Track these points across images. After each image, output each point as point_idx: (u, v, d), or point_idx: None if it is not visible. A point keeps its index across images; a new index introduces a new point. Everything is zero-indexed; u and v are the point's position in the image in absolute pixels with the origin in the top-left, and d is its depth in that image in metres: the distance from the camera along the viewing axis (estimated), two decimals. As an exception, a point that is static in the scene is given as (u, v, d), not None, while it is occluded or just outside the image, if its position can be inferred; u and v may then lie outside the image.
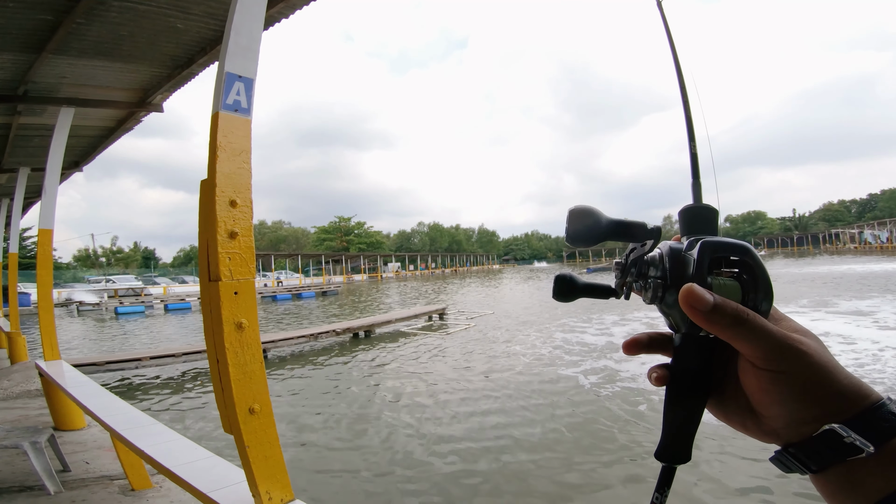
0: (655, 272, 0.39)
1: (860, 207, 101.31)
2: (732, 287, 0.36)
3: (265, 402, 1.58)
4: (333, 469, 4.88)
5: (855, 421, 0.32)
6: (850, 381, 0.33)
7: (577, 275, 0.42)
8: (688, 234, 0.40)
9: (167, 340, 15.81)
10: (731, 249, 0.37)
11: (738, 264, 0.37)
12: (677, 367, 0.39)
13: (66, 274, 51.85)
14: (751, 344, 0.33)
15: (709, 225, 0.40)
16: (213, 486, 1.67)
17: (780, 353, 0.33)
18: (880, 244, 67.43)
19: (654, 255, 0.39)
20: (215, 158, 1.55)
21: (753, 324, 0.33)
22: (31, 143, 5.84)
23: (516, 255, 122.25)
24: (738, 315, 0.33)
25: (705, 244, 0.37)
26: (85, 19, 3.29)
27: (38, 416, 4.75)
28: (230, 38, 1.65)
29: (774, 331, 0.34)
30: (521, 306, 20.00)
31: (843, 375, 0.33)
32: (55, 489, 3.14)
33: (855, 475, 0.32)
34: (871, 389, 0.33)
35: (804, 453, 0.34)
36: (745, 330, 0.33)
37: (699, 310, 0.33)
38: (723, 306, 0.33)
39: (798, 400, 0.33)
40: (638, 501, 3.96)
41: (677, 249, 0.38)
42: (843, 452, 0.32)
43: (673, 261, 0.38)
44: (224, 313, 1.51)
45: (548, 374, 8.12)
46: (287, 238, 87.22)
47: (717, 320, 0.33)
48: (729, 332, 0.34)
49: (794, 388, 0.33)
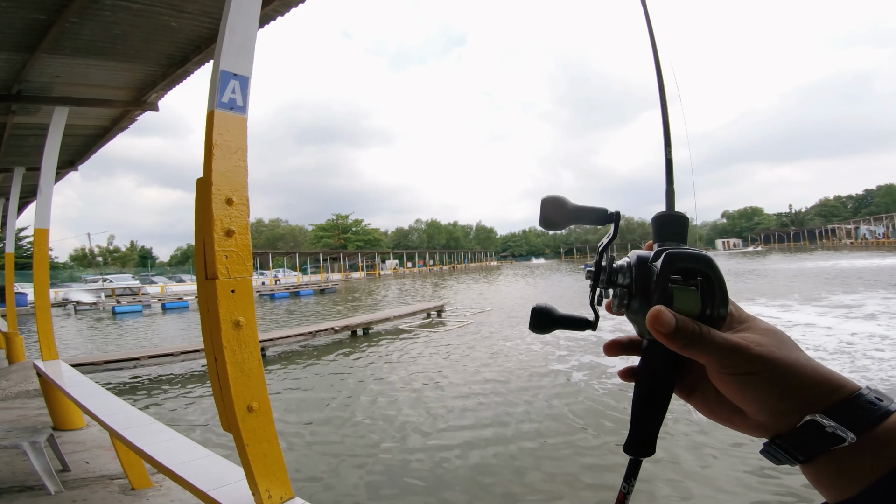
0: (623, 280, 0.41)
1: (856, 203, 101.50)
2: (692, 296, 0.38)
3: (264, 400, 1.58)
4: (333, 466, 4.89)
5: (833, 410, 0.33)
6: (820, 372, 0.35)
7: (552, 307, 0.43)
8: (659, 242, 0.42)
9: (165, 339, 15.79)
10: (693, 260, 0.39)
11: (700, 273, 0.39)
12: (644, 368, 0.42)
13: (63, 273, 51.65)
14: (708, 357, 0.36)
15: (680, 232, 0.42)
16: (213, 484, 1.67)
17: (735, 359, 0.36)
18: (876, 239, 67.75)
19: (623, 264, 0.42)
20: (211, 157, 1.55)
21: (708, 339, 0.36)
22: (26, 142, 5.81)
23: (514, 251, 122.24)
24: (694, 335, 0.36)
25: (668, 255, 0.39)
26: (78, 18, 3.27)
27: (36, 416, 4.75)
28: (225, 37, 1.64)
29: (728, 341, 0.36)
30: (519, 303, 20.02)
31: (810, 367, 0.35)
32: (55, 489, 3.14)
33: (842, 464, 0.33)
34: (846, 379, 0.35)
35: (791, 444, 0.35)
36: (701, 346, 0.36)
37: (661, 332, 0.36)
38: (682, 329, 0.36)
39: (769, 394, 0.35)
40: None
41: (644, 259, 0.41)
42: (826, 442, 0.33)
43: (639, 270, 0.40)
44: (221, 311, 1.51)
45: (541, 369, 8.15)
46: (284, 236, 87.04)
47: (676, 340, 0.36)
48: (687, 350, 0.37)
49: (760, 386, 0.35)
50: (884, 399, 0.33)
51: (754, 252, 72.98)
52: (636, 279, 0.40)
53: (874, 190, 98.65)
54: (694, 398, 0.42)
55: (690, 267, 0.39)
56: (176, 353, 9.96)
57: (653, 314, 0.37)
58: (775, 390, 0.35)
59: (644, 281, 0.40)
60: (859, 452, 0.32)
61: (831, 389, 0.34)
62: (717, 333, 0.37)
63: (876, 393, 0.34)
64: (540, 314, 0.43)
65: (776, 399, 0.35)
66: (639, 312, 0.39)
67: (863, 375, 6.73)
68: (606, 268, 0.42)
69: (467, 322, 14.66)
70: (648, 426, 0.41)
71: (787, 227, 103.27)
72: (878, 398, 0.33)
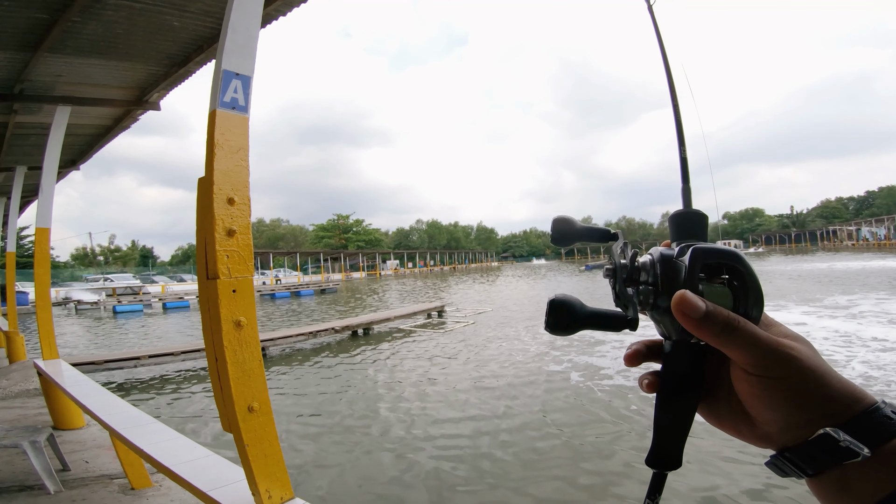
0: (647, 277, 0.38)
1: (858, 204, 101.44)
2: (723, 293, 0.36)
3: (264, 400, 1.57)
4: (333, 466, 4.88)
5: (850, 425, 0.32)
6: (843, 386, 0.33)
7: (577, 301, 0.38)
8: (678, 240, 0.40)
9: (166, 339, 15.80)
10: (723, 256, 0.37)
11: (729, 271, 0.37)
12: (667, 373, 0.38)
13: (64, 272, 51.72)
14: (742, 351, 0.34)
15: (699, 230, 0.40)
16: (213, 484, 1.67)
17: (771, 359, 0.33)
18: (878, 241, 67.63)
19: (646, 261, 0.39)
20: (213, 156, 1.55)
21: (744, 331, 0.34)
22: (28, 141, 5.82)
23: (515, 252, 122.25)
24: (730, 322, 0.34)
25: (697, 250, 0.37)
26: (80, 17, 3.27)
27: (36, 416, 4.75)
28: (227, 36, 1.64)
29: (765, 337, 0.34)
30: (519, 303, 20.02)
31: (836, 380, 0.33)
32: (55, 488, 3.14)
33: (850, 479, 0.32)
34: (865, 393, 0.33)
35: (800, 457, 0.34)
36: (735, 337, 0.34)
37: (691, 317, 0.34)
38: (714, 314, 0.34)
39: (791, 405, 0.33)
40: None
41: (668, 255, 0.38)
42: (839, 456, 0.32)
43: (665, 267, 0.38)
44: (222, 311, 1.50)
45: (541, 370, 8.14)
46: (285, 236, 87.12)
47: (708, 327, 0.34)
48: (720, 340, 0.34)
49: (786, 394, 0.33)
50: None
51: (755, 253, 72.89)
52: (662, 276, 0.37)
53: (875, 191, 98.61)
54: (701, 403, 0.39)
55: (720, 263, 0.37)
56: (176, 352, 9.96)
57: (679, 297, 0.34)
58: (799, 399, 0.33)
59: (671, 277, 0.37)
60: (870, 468, 0.32)
61: (850, 402, 0.33)
62: (754, 326, 0.34)
63: (892, 407, 0.33)
64: (561, 310, 0.38)
65: (798, 409, 0.33)
66: (666, 313, 0.37)
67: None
68: (628, 265, 0.39)
69: (468, 322, 14.66)
70: (673, 438, 0.38)
71: (788, 228, 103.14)
72: (894, 412, 0.32)
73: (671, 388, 0.38)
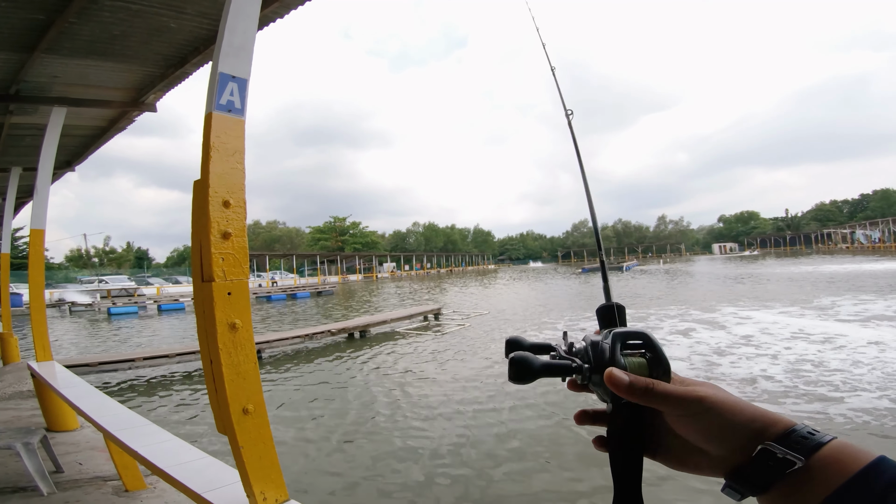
0: (583, 359, 0.48)
1: (852, 207, 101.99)
2: (641, 364, 0.46)
3: (259, 402, 1.58)
4: (329, 469, 4.87)
5: (781, 439, 0.39)
6: (758, 410, 0.42)
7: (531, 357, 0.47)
8: (604, 328, 0.51)
9: (161, 341, 15.73)
10: (635, 336, 0.47)
11: (643, 346, 0.47)
12: (612, 431, 0.47)
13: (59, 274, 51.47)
14: (662, 404, 0.43)
15: (618, 319, 0.52)
16: (207, 486, 1.66)
17: (685, 403, 0.43)
18: (872, 244, 68.05)
19: (580, 348, 0.50)
20: (208, 159, 1.55)
21: (659, 389, 0.43)
22: (23, 142, 5.79)
23: (511, 254, 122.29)
24: (647, 386, 0.44)
25: (615, 335, 0.47)
26: (77, 19, 3.26)
27: (30, 418, 4.72)
28: (224, 38, 1.64)
29: (676, 389, 0.44)
30: (515, 306, 20.04)
31: (750, 407, 0.42)
32: (48, 490, 3.12)
33: (793, 491, 0.38)
34: (780, 415, 0.41)
35: (748, 474, 0.40)
36: (655, 395, 0.43)
37: (619, 387, 0.44)
38: (635, 381, 0.44)
39: (722, 430, 0.41)
40: None
41: (596, 341, 0.48)
42: (780, 467, 0.38)
43: (594, 350, 0.48)
44: (217, 314, 1.50)
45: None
46: (281, 238, 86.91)
47: (633, 392, 0.44)
48: (644, 399, 0.44)
49: (712, 423, 0.42)
50: (817, 432, 0.39)
51: (750, 256, 73.20)
52: (593, 357, 0.47)
53: (870, 194, 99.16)
54: (660, 455, 0.47)
55: (634, 341, 0.47)
56: (171, 354, 9.92)
57: (607, 374, 0.44)
58: (727, 423, 0.41)
59: (600, 357, 0.47)
60: (806, 479, 0.37)
61: (771, 422, 0.40)
62: (667, 384, 0.44)
63: (808, 428, 0.40)
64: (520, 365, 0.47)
65: (729, 431, 0.41)
66: (600, 384, 0.46)
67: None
68: (567, 351, 0.50)
69: (465, 325, 14.66)
70: (629, 483, 0.46)
71: (783, 231, 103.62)
72: (811, 431, 0.39)
73: (617, 442, 0.47)
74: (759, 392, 6.57)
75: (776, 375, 7.29)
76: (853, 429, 5.21)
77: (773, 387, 6.77)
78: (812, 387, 6.65)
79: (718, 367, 8.09)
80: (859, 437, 4.95)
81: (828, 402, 6.02)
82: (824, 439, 0.38)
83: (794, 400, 6.22)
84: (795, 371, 7.46)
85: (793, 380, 7.04)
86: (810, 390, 6.52)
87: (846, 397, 6.14)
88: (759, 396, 6.39)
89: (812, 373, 7.32)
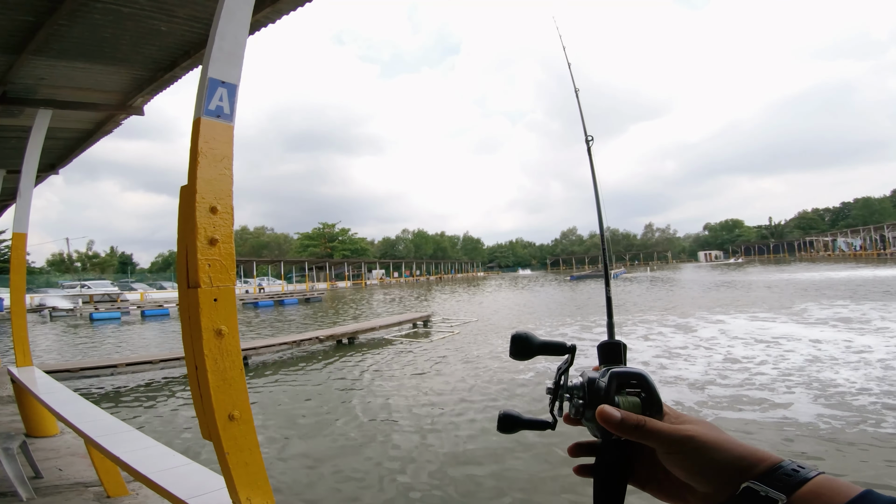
0: (578, 395, 0.51)
1: (833, 215, 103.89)
2: (634, 403, 0.48)
3: (245, 408, 1.57)
4: (314, 475, 4.83)
5: (764, 477, 0.40)
6: (746, 448, 0.42)
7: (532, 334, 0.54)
8: (604, 364, 0.54)
9: (144, 347, 15.48)
10: (631, 376, 0.49)
11: (638, 386, 0.49)
12: (600, 463, 0.50)
13: (40, 279, 50.43)
14: (652, 441, 0.45)
15: (619, 356, 0.54)
16: (192, 492, 1.65)
17: (675, 441, 0.44)
18: (854, 251, 69.41)
19: (577, 383, 0.52)
20: (196, 164, 1.55)
21: (650, 427, 0.45)
22: (7, 144, 5.71)
23: (501, 262, 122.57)
24: (639, 423, 0.45)
25: (612, 374, 0.49)
26: (67, 21, 3.24)
27: (9, 423, 4.62)
28: (214, 44, 1.65)
29: (667, 428, 0.45)
30: (503, 314, 20.08)
31: (737, 445, 0.43)
32: (28, 496, 3.06)
33: None
34: (768, 453, 0.42)
35: None
36: (645, 432, 0.45)
37: (610, 423, 0.45)
38: (627, 418, 0.45)
39: (710, 466, 0.42)
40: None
41: (593, 378, 0.51)
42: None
43: (590, 387, 0.50)
44: (203, 320, 1.50)
45: (522, 382, 8.17)
46: (269, 244, 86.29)
47: (624, 429, 0.45)
48: (634, 436, 0.45)
49: (698, 461, 0.43)
50: (803, 468, 0.40)
51: (735, 264, 74.23)
52: (588, 393, 0.50)
53: (851, 203, 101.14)
54: (649, 487, 0.49)
55: (630, 381, 0.49)
56: (155, 360, 9.77)
57: (599, 411, 0.46)
58: (714, 461, 0.42)
59: (595, 394, 0.49)
60: None
61: (758, 460, 0.41)
62: (657, 422, 0.46)
63: (794, 464, 0.40)
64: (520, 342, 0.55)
65: (716, 469, 0.42)
66: (592, 420, 0.48)
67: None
68: (563, 387, 0.52)
69: (453, 333, 14.64)
70: None
71: (767, 239, 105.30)
72: (796, 468, 0.40)
73: (605, 475, 0.49)
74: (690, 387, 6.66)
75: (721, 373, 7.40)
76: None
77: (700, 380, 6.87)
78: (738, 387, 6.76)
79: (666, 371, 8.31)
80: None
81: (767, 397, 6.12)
82: (809, 475, 0.39)
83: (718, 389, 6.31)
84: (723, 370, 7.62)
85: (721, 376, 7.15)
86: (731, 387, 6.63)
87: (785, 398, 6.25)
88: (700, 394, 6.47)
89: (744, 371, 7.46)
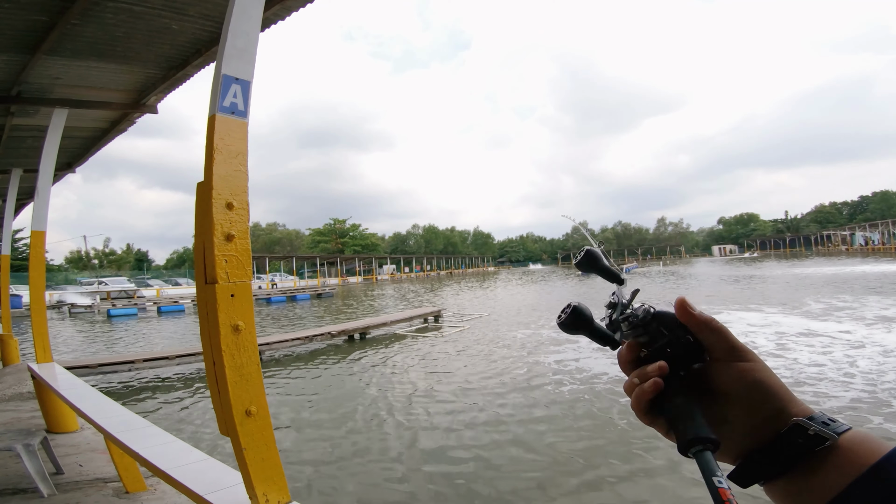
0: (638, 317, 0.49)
1: (851, 209, 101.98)
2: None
3: (262, 404, 1.57)
4: (330, 471, 4.87)
5: (812, 419, 0.39)
6: (786, 387, 0.43)
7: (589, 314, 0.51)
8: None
9: (160, 343, 15.71)
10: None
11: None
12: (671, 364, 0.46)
13: (58, 276, 51.45)
14: (719, 338, 0.45)
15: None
16: (209, 488, 1.66)
17: (739, 349, 0.44)
18: (872, 246, 68.04)
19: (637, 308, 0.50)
20: (212, 161, 1.55)
21: (721, 326, 0.45)
22: (24, 143, 5.80)
23: (511, 257, 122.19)
24: (713, 320, 0.46)
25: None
26: (80, 20, 3.27)
27: (30, 419, 4.71)
28: (227, 41, 1.65)
29: (733, 336, 0.45)
30: (515, 308, 20.02)
31: (785, 385, 0.43)
32: (48, 492, 3.12)
33: (810, 478, 0.38)
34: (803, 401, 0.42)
35: (770, 454, 0.40)
36: (715, 328, 0.45)
37: (686, 311, 0.46)
38: (703, 314, 0.46)
39: (763, 391, 0.42)
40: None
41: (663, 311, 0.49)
42: (811, 443, 0.38)
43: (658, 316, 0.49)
44: (221, 316, 1.50)
45: (538, 376, 8.15)
46: (281, 240, 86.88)
47: (701, 319, 0.45)
48: (708, 327, 0.45)
49: (756, 379, 0.42)
50: (835, 420, 0.39)
51: (750, 258, 73.16)
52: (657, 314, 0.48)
53: (869, 196, 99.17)
54: None
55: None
56: (172, 356, 9.90)
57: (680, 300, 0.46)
58: (769, 385, 0.42)
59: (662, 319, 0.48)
60: (832, 460, 0.37)
61: (795, 403, 0.41)
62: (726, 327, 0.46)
63: (827, 416, 0.40)
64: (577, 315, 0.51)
65: (767, 395, 0.42)
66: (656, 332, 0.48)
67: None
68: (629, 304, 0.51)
69: (464, 328, 14.64)
70: (686, 416, 0.42)
71: (783, 233, 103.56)
72: (831, 418, 0.39)
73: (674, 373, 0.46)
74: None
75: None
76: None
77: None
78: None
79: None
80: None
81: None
82: (846, 425, 0.39)
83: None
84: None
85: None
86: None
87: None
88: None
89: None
